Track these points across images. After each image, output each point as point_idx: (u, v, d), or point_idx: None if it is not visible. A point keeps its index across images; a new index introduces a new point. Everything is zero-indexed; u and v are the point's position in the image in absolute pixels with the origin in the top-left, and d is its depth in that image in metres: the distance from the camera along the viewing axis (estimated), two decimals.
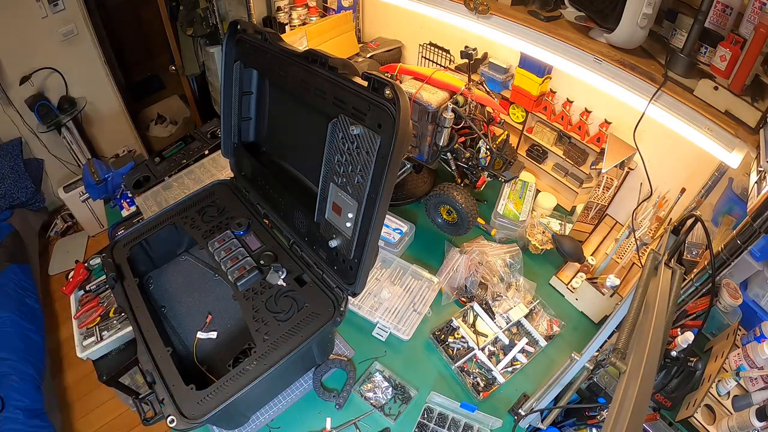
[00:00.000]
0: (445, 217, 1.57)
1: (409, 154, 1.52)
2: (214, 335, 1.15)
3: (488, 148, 1.41)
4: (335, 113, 0.91)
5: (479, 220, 1.59)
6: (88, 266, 1.52)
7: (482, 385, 1.24)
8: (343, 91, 0.90)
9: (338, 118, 0.91)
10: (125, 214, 1.75)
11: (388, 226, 1.58)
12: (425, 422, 1.16)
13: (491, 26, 1.39)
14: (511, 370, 1.27)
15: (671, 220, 1.35)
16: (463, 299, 1.44)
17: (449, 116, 1.33)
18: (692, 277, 0.98)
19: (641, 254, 1.37)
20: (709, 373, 1.16)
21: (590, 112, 1.50)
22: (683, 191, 1.33)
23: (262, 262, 1.14)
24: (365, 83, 0.84)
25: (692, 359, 1.12)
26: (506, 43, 1.39)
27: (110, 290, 1.28)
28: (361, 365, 1.27)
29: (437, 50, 1.80)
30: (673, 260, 0.88)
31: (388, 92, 0.80)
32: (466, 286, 1.44)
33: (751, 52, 0.94)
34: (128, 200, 1.78)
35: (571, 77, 1.32)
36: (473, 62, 1.42)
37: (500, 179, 1.49)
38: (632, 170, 1.46)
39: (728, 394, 1.14)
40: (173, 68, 3.11)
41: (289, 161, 1.24)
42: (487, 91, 1.49)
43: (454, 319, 1.37)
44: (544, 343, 1.33)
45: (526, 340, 1.33)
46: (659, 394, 1.12)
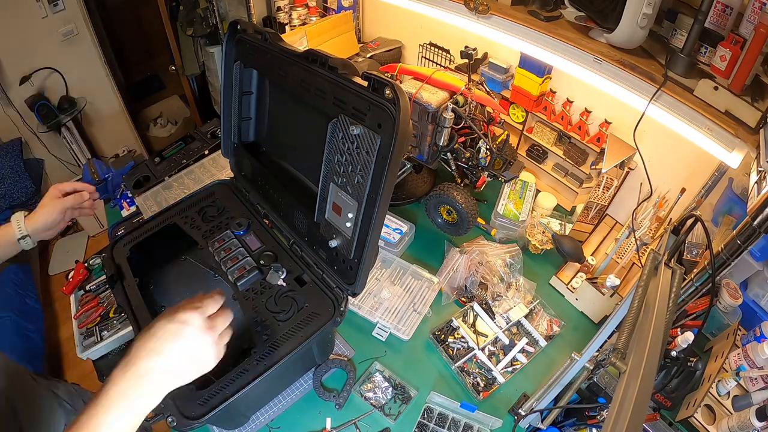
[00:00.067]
0: (445, 217, 1.57)
1: (409, 154, 1.52)
2: None
3: (488, 148, 1.41)
4: (335, 113, 0.91)
5: (479, 220, 1.59)
6: (88, 266, 1.52)
7: (482, 385, 1.24)
8: (343, 91, 0.90)
9: (338, 118, 0.91)
10: (125, 214, 1.75)
11: (388, 226, 1.57)
12: (425, 422, 1.16)
13: (491, 26, 1.39)
14: (511, 370, 1.27)
15: (671, 220, 1.35)
16: (463, 299, 1.44)
17: (449, 116, 1.33)
18: (692, 277, 0.98)
19: (641, 254, 1.37)
20: (709, 373, 1.16)
21: (590, 112, 1.50)
22: (683, 191, 1.33)
23: (262, 262, 1.14)
24: (365, 83, 0.84)
25: (692, 359, 1.12)
26: (506, 43, 1.39)
27: (110, 290, 1.28)
28: (361, 365, 1.27)
29: (437, 50, 1.80)
30: (673, 260, 0.88)
31: (388, 92, 0.79)
32: (466, 286, 1.44)
33: (751, 52, 0.94)
34: (128, 200, 1.78)
35: (571, 77, 1.32)
36: (473, 62, 1.42)
37: (500, 179, 1.49)
38: (632, 170, 1.46)
39: (728, 394, 1.14)
40: (173, 68, 3.12)
41: (289, 161, 1.24)
42: (487, 91, 1.49)
43: (454, 319, 1.37)
44: (544, 343, 1.33)
45: (526, 340, 1.33)
46: (659, 394, 1.12)
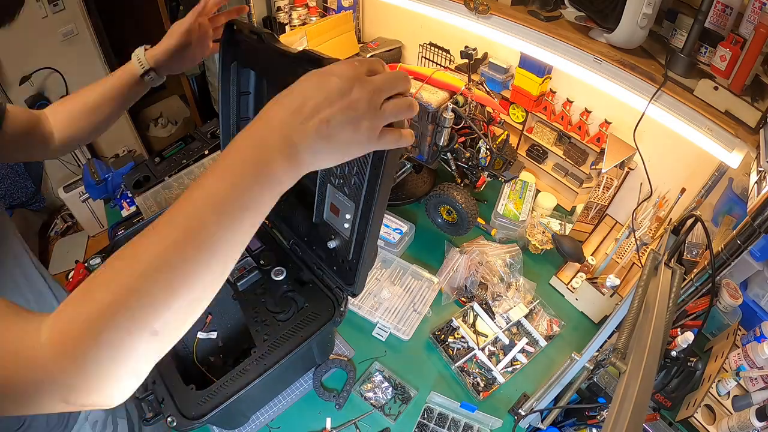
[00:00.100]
0: (445, 217, 1.57)
1: (409, 154, 1.52)
2: (214, 335, 1.15)
3: (488, 148, 1.40)
4: None
5: (479, 220, 1.59)
6: (88, 266, 1.51)
7: (482, 385, 1.24)
8: None
9: None
10: (125, 214, 1.75)
11: (387, 226, 1.57)
12: (425, 422, 1.16)
13: (491, 26, 1.39)
14: (511, 370, 1.27)
15: (671, 220, 1.35)
16: (463, 299, 1.44)
17: (449, 116, 1.33)
18: (692, 277, 0.98)
19: (641, 254, 1.37)
20: (709, 373, 1.16)
21: (590, 112, 1.49)
22: (683, 191, 1.33)
23: (262, 262, 1.14)
24: None
25: (692, 359, 1.12)
26: (506, 43, 1.39)
27: None
28: (361, 365, 1.27)
29: (437, 50, 1.80)
30: (673, 260, 0.88)
31: None
32: (466, 286, 1.44)
33: (751, 52, 0.94)
34: (128, 200, 1.78)
35: (571, 77, 1.32)
36: (473, 62, 1.42)
37: (500, 179, 1.48)
38: (632, 170, 1.46)
39: (728, 394, 1.14)
40: None
41: None
42: (487, 91, 1.49)
43: (454, 319, 1.37)
44: (544, 343, 1.33)
45: (526, 340, 1.33)
46: (659, 394, 1.12)
